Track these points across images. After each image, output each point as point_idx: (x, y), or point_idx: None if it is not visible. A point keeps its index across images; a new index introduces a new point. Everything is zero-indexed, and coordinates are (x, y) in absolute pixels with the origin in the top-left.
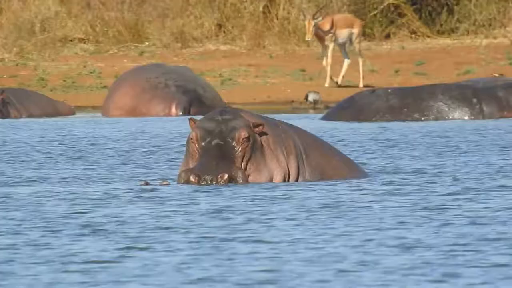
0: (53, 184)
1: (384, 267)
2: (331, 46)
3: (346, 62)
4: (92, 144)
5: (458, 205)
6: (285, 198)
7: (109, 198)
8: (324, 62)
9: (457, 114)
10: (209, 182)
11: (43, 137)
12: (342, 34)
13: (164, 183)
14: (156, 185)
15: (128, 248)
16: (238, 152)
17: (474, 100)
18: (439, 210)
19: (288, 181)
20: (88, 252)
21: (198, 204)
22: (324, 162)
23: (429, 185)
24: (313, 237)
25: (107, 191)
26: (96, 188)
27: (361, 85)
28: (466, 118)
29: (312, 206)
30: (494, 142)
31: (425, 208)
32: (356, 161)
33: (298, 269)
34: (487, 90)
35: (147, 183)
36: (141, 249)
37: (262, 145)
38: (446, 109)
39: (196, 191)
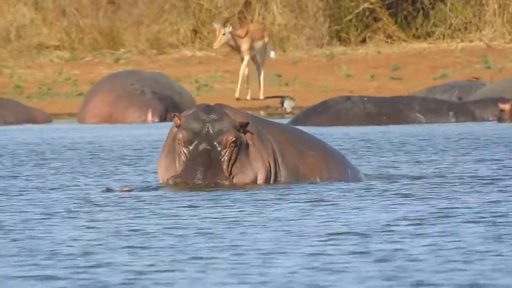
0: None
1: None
2: (246, 57)
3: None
4: (64, 151)
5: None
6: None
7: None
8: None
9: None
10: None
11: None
12: (257, 45)
13: (125, 189)
14: (118, 191)
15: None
16: (224, 156)
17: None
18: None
19: (269, 180)
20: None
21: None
22: (298, 161)
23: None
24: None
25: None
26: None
27: (261, 96)
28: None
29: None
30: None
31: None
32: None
33: None
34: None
35: (108, 190)
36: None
37: (247, 144)
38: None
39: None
